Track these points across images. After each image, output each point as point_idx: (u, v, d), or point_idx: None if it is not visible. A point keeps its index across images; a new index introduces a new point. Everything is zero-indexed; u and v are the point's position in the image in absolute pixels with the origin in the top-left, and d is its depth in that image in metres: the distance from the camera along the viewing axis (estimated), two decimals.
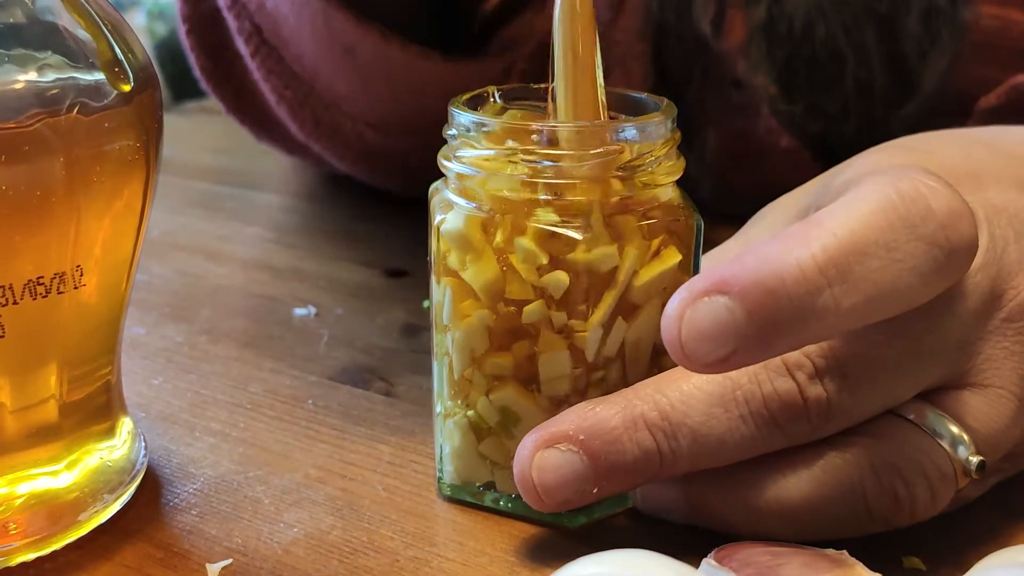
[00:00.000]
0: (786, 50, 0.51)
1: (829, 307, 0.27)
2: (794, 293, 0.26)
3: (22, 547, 0.30)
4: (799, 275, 0.26)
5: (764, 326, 0.27)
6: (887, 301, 0.27)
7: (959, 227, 0.28)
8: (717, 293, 0.27)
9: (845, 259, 0.27)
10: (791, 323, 0.27)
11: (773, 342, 0.27)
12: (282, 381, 0.42)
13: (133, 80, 0.31)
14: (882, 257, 0.27)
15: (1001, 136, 0.36)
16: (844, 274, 0.27)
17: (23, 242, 0.28)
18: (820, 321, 0.27)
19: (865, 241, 0.27)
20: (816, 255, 0.27)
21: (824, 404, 0.29)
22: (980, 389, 0.30)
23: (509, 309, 0.31)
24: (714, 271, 0.27)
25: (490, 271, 0.31)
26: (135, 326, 0.46)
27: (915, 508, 0.29)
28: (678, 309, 0.27)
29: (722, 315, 0.27)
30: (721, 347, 0.27)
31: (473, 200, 0.32)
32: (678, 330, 0.27)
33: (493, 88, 0.34)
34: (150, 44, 1.25)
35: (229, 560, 0.31)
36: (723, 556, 0.27)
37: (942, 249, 0.27)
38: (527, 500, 0.31)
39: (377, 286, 0.51)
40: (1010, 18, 0.49)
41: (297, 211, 0.63)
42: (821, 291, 0.26)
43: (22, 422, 0.31)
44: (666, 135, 0.32)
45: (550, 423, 0.30)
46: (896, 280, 0.27)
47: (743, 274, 0.27)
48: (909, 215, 0.27)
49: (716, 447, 0.29)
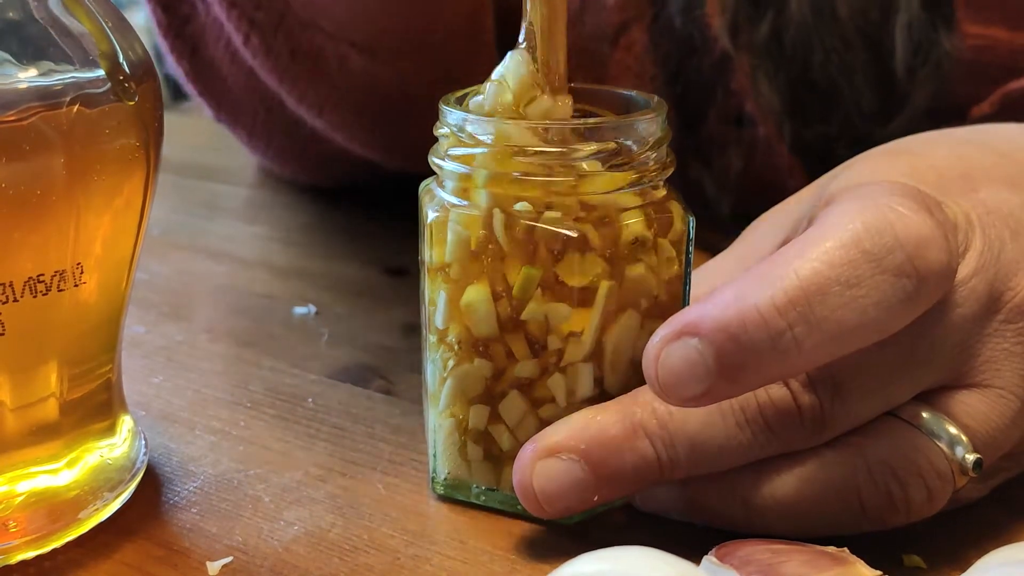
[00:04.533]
0: (787, 74, 0.50)
1: (791, 348, 0.27)
2: (755, 337, 0.27)
3: (22, 545, 0.30)
4: (759, 319, 0.27)
5: (731, 368, 0.28)
6: (852, 336, 0.28)
7: (927, 255, 0.28)
8: (688, 335, 0.28)
9: (805, 300, 0.27)
10: (756, 364, 0.28)
11: (741, 381, 0.28)
12: (282, 380, 0.42)
13: (134, 77, 0.31)
14: (843, 295, 0.27)
15: (992, 135, 0.36)
16: (804, 315, 0.27)
17: (23, 239, 0.28)
18: (784, 361, 0.28)
19: (826, 280, 0.27)
20: (776, 298, 0.27)
21: (818, 412, 0.29)
22: (980, 389, 0.30)
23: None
24: (686, 313, 0.28)
25: (483, 304, 0.31)
26: (135, 324, 0.46)
27: (910, 508, 0.29)
28: (655, 350, 0.28)
29: (693, 357, 0.28)
30: (696, 385, 0.28)
31: (466, 198, 0.32)
32: (655, 370, 0.28)
33: (475, 88, 0.34)
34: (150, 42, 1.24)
35: (229, 558, 0.31)
36: (724, 553, 0.27)
37: (911, 279, 0.28)
38: (528, 508, 0.31)
39: (377, 285, 0.51)
40: (995, 37, 0.49)
41: (297, 210, 0.63)
42: (782, 334, 0.27)
43: (22, 420, 0.30)
44: (657, 132, 0.32)
45: (549, 431, 0.31)
46: (860, 316, 0.27)
47: (708, 317, 0.28)
48: (874, 248, 0.28)
49: (714, 454, 0.30)
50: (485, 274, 0.31)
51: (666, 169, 0.32)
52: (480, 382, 0.32)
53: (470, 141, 0.31)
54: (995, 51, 0.49)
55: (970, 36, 0.49)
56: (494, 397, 0.32)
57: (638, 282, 0.31)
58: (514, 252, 0.31)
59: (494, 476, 0.33)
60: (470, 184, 0.31)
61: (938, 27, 0.49)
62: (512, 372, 0.32)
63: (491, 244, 0.31)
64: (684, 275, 0.33)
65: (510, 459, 0.32)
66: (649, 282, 0.32)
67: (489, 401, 0.32)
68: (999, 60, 0.49)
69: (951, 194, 0.31)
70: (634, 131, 0.31)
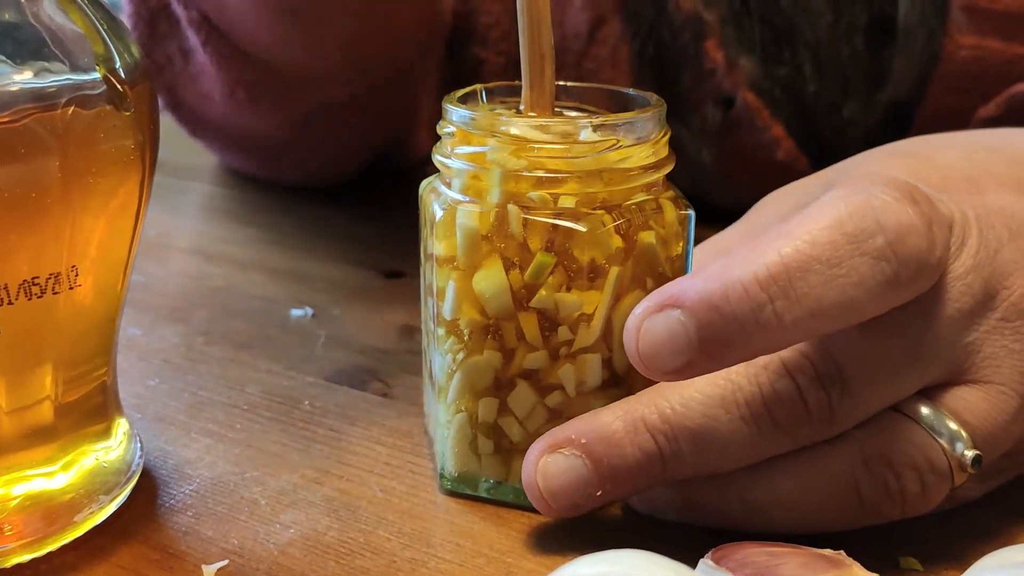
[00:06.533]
0: (756, 22, 0.51)
1: (771, 322, 0.28)
2: (737, 309, 0.28)
3: (17, 548, 0.30)
4: (741, 291, 0.28)
5: (712, 339, 0.28)
6: (833, 314, 0.28)
7: (907, 241, 0.28)
8: (671, 307, 0.28)
9: (787, 275, 0.28)
10: (737, 336, 0.28)
11: (723, 353, 0.28)
12: (279, 382, 0.42)
13: (129, 80, 0.31)
14: (824, 273, 0.28)
15: (1005, 140, 0.36)
16: (785, 290, 0.28)
17: (18, 242, 0.28)
18: (765, 334, 0.28)
19: (807, 258, 0.28)
20: (758, 272, 0.28)
21: (826, 406, 0.29)
22: (981, 386, 0.30)
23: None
24: (669, 286, 0.29)
25: (496, 278, 0.31)
26: (131, 327, 0.46)
27: (905, 499, 0.30)
28: (637, 321, 0.29)
29: (675, 328, 0.28)
30: (676, 357, 0.28)
31: (474, 195, 0.32)
32: (636, 341, 0.29)
33: (480, 87, 0.35)
34: None
35: (225, 561, 0.31)
36: (720, 556, 0.27)
37: (889, 263, 0.28)
38: (535, 505, 0.31)
39: (374, 287, 0.51)
40: (988, 47, 0.49)
41: (294, 212, 0.63)
42: (763, 306, 0.28)
43: (17, 423, 0.30)
44: (657, 129, 0.32)
45: (555, 429, 0.31)
46: (840, 295, 0.28)
47: (693, 289, 0.28)
48: (855, 231, 0.28)
49: (718, 449, 0.30)
50: (497, 254, 0.31)
51: (666, 164, 0.33)
52: (489, 373, 0.32)
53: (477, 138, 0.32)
54: (988, 61, 0.49)
55: (964, 47, 0.49)
56: (502, 389, 0.32)
57: (647, 253, 0.32)
58: (527, 242, 0.31)
59: (504, 469, 0.33)
60: (479, 180, 0.32)
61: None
62: (521, 357, 0.32)
63: (504, 236, 0.31)
64: (685, 266, 0.33)
65: (520, 451, 0.32)
66: (657, 255, 0.32)
67: (498, 394, 0.32)
68: (992, 70, 0.49)
69: (953, 194, 0.31)
70: (637, 127, 0.32)
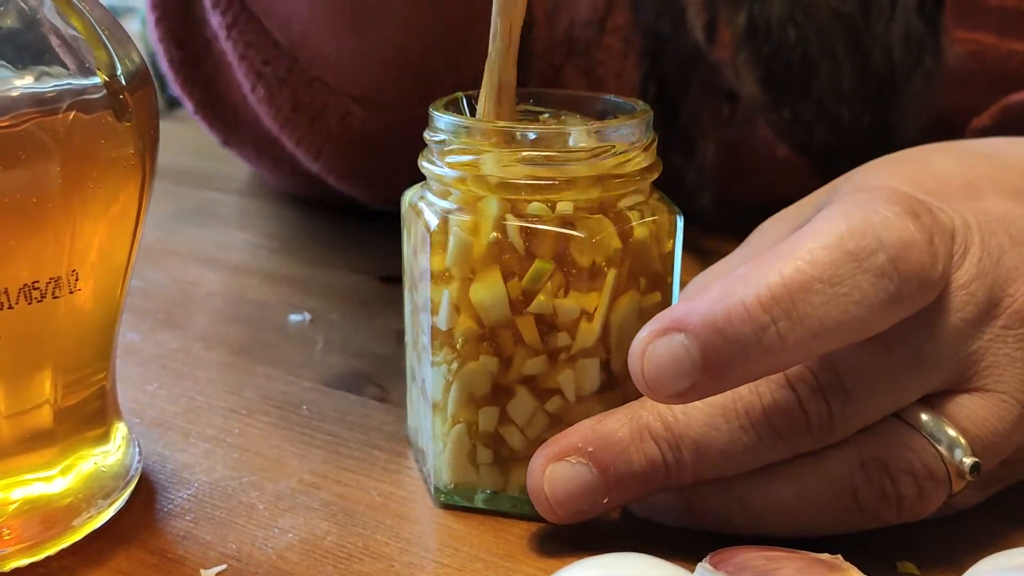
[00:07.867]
0: (767, 56, 0.51)
1: (775, 343, 0.28)
2: (740, 331, 0.28)
3: (15, 552, 0.30)
4: (744, 314, 0.28)
5: (716, 362, 0.28)
6: (836, 333, 0.28)
7: (909, 257, 0.28)
8: (675, 331, 0.28)
9: (788, 297, 0.28)
10: (741, 358, 0.28)
11: (727, 376, 0.28)
12: (276, 387, 0.42)
13: (129, 85, 0.31)
14: (826, 293, 0.28)
15: (1003, 149, 0.37)
16: (788, 311, 0.28)
17: (18, 246, 0.28)
18: (768, 356, 0.28)
19: (809, 278, 0.28)
20: (761, 294, 0.28)
21: (826, 416, 0.29)
22: (982, 394, 0.30)
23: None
24: (673, 309, 0.29)
25: (495, 288, 0.31)
26: (130, 332, 0.46)
27: (901, 504, 0.30)
28: (641, 345, 0.29)
29: (679, 352, 0.28)
30: (681, 381, 0.28)
31: (467, 203, 0.32)
32: (641, 365, 0.29)
33: (461, 94, 0.35)
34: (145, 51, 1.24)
35: (223, 566, 0.31)
36: (718, 560, 0.27)
37: (892, 280, 0.28)
38: (541, 513, 0.31)
39: (371, 292, 0.51)
40: (983, 42, 0.49)
41: (292, 218, 0.63)
42: (766, 328, 0.28)
43: (16, 427, 0.30)
44: (645, 136, 0.32)
45: (560, 437, 0.31)
46: (843, 314, 0.28)
47: (696, 312, 0.28)
48: (856, 249, 0.28)
49: (719, 457, 0.30)
50: (496, 264, 0.31)
51: (654, 171, 0.33)
52: (487, 379, 0.32)
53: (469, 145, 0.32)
54: (983, 57, 0.49)
55: (958, 42, 0.49)
56: (502, 397, 0.32)
57: (642, 251, 0.32)
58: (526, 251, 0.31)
59: (502, 479, 0.33)
60: (473, 189, 0.32)
61: (929, 24, 0.49)
62: (520, 362, 0.32)
63: (501, 246, 0.31)
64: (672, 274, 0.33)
65: (518, 460, 0.33)
66: (651, 252, 0.32)
67: (497, 402, 0.32)
68: (987, 66, 0.49)
69: (952, 201, 0.31)
70: (625, 134, 0.32)
